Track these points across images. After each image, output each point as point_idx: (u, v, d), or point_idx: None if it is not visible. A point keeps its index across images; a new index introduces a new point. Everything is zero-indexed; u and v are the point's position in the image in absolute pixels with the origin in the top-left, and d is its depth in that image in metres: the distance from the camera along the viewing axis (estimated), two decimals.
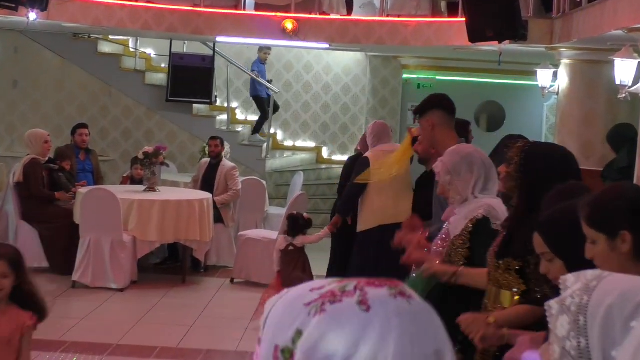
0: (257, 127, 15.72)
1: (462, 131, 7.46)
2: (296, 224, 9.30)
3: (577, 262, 2.90)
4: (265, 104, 15.45)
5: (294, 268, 9.18)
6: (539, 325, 3.49)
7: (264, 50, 15.60)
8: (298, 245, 9.25)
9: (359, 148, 9.33)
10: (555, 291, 2.81)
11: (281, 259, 9.23)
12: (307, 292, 1.49)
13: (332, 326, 1.42)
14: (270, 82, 15.59)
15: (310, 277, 9.23)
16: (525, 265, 4.06)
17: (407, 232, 5.76)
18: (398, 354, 1.39)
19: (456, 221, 4.83)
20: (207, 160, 12.28)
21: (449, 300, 4.56)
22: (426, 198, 6.36)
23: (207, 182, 11.94)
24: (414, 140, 7.21)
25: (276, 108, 15.55)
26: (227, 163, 12.06)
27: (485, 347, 4.04)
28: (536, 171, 4.09)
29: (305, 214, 9.56)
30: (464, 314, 4.12)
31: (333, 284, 1.47)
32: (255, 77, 15.25)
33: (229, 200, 11.74)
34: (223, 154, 12.14)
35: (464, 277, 4.57)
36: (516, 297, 4.10)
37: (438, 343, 1.43)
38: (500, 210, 4.71)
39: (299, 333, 1.43)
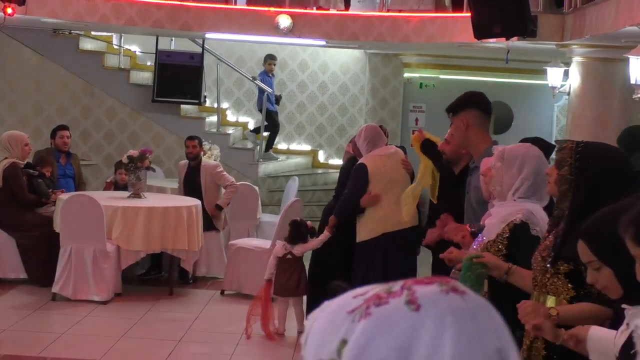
0: (270, 143, 15.71)
1: None
2: (298, 231, 9.32)
3: (627, 270, 2.92)
4: (275, 118, 15.53)
5: (289, 277, 9.22)
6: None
7: (269, 60, 15.60)
8: (297, 254, 9.26)
9: (350, 151, 9.33)
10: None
11: (277, 267, 9.26)
12: (349, 300, 1.45)
13: (380, 330, 1.37)
14: (279, 98, 15.70)
15: (304, 289, 9.25)
16: (578, 269, 4.06)
17: (441, 230, 5.88)
18: (456, 355, 1.34)
19: (491, 225, 4.85)
20: (184, 162, 12.18)
21: (500, 300, 4.46)
22: (453, 202, 6.43)
23: (189, 186, 11.85)
24: (425, 143, 7.22)
25: (277, 100, 15.64)
26: (208, 163, 11.99)
27: (536, 336, 4.08)
28: (593, 172, 4.10)
29: (309, 222, 9.58)
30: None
31: (377, 288, 1.45)
32: (258, 83, 15.35)
33: (231, 198, 11.74)
34: (213, 157, 12.12)
35: (516, 275, 4.51)
36: (561, 302, 4.12)
37: (500, 341, 1.39)
38: (539, 216, 4.73)
39: (343, 342, 1.39)
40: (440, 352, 1.34)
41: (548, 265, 4.18)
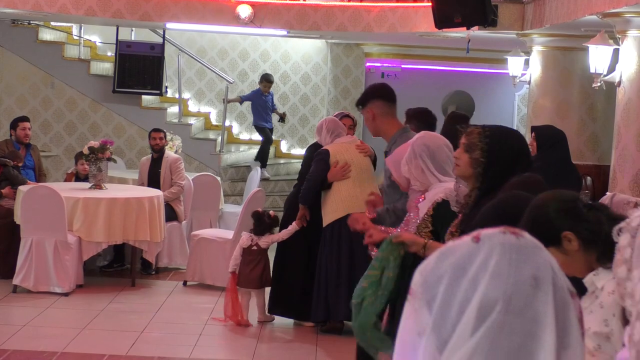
0: (262, 157, 15.43)
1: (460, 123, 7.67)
2: (262, 222, 9.34)
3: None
4: (269, 133, 15.47)
5: (252, 268, 9.22)
6: None
7: (264, 82, 15.41)
8: (264, 246, 9.27)
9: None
10: None
11: (242, 258, 9.26)
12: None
13: (446, 255, 1.85)
14: (283, 116, 15.62)
15: (268, 280, 9.26)
16: None
17: (371, 210, 6.32)
18: (494, 273, 1.76)
19: (422, 206, 5.29)
20: (147, 157, 12.17)
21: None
22: None
23: (153, 178, 11.86)
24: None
25: (282, 118, 15.60)
26: (170, 155, 11.97)
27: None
28: (502, 154, 4.46)
29: (271, 212, 9.60)
30: None
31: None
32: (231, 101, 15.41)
33: (171, 198, 11.67)
34: (175, 148, 12.09)
35: (432, 250, 4.69)
36: None
37: (538, 270, 1.78)
38: (461, 193, 5.07)
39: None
40: (484, 272, 1.77)
41: None
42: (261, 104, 15.32)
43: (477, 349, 1.75)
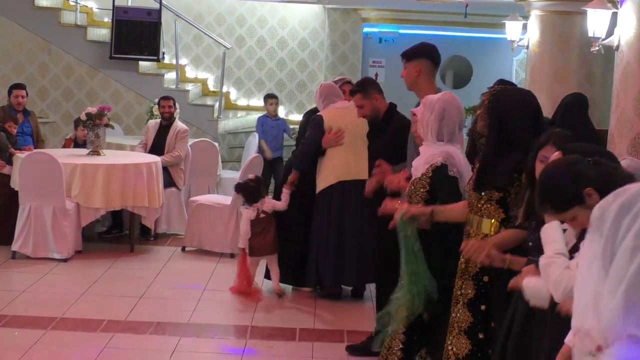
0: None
1: None
2: (249, 189, 9.27)
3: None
4: (279, 165, 13.53)
5: (265, 236, 9.11)
6: (518, 248, 4.66)
7: (270, 100, 14.09)
8: (268, 211, 9.20)
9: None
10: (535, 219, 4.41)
11: (252, 230, 9.13)
12: None
13: (619, 195, 2.52)
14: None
15: (277, 246, 9.17)
16: (507, 195, 4.92)
17: (379, 178, 6.79)
18: None
19: (418, 165, 5.63)
20: (156, 122, 12.18)
21: (432, 243, 5.43)
22: (383, 146, 7.52)
23: (157, 145, 11.86)
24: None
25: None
26: (179, 125, 12.00)
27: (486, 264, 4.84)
28: (501, 111, 4.93)
29: (250, 175, 9.52)
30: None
31: None
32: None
33: (166, 163, 11.59)
34: (175, 115, 12.08)
35: (440, 214, 5.32)
36: (495, 224, 4.96)
37: None
38: (457, 158, 5.55)
39: None
40: None
41: (483, 194, 4.98)
42: (265, 130, 13.89)
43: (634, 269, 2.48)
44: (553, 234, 3.87)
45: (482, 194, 4.98)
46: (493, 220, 4.97)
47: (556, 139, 4.44)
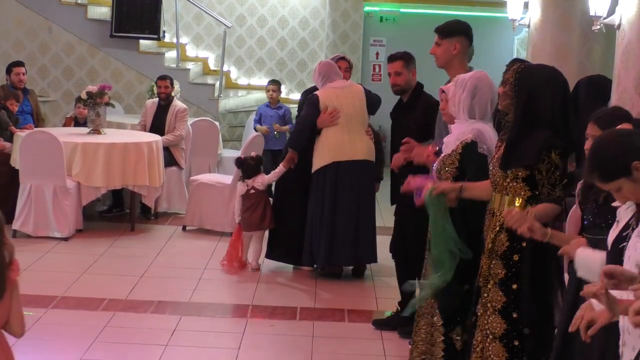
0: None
1: None
2: (247, 165, 9.36)
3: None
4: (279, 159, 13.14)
5: (252, 212, 9.21)
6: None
7: (268, 86, 13.41)
8: (259, 187, 9.26)
9: None
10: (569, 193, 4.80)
11: (242, 205, 9.26)
12: None
13: None
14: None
15: (269, 222, 9.24)
16: (534, 172, 4.92)
17: (406, 155, 6.81)
18: None
19: (449, 141, 5.66)
20: (154, 101, 12.16)
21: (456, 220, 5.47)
22: (406, 127, 7.45)
23: (156, 125, 11.85)
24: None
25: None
26: (178, 104, 11.98)
27: (499, 229, 5.01)
28: (528, 88, 4.94)
29: (253, 153, 9.60)
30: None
31: None
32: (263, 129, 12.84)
33: (167, 143, 11.60)
34: (173, 94, 12.05)
35: (468, 190, 5.38)
36: (521, 202, 4.99)
37: None
38: (488, 136, 5.54)
39: None
40: None
41: (509, 172, 4.99)
42: (266, 117, 13.21)
43: None
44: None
45: (508, 172, 4.99)
46: (518, 199, 4.99)
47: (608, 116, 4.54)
